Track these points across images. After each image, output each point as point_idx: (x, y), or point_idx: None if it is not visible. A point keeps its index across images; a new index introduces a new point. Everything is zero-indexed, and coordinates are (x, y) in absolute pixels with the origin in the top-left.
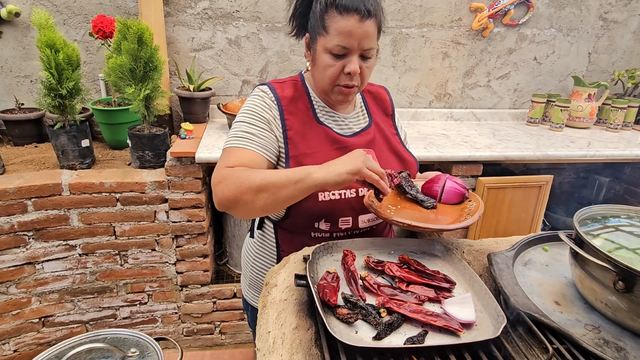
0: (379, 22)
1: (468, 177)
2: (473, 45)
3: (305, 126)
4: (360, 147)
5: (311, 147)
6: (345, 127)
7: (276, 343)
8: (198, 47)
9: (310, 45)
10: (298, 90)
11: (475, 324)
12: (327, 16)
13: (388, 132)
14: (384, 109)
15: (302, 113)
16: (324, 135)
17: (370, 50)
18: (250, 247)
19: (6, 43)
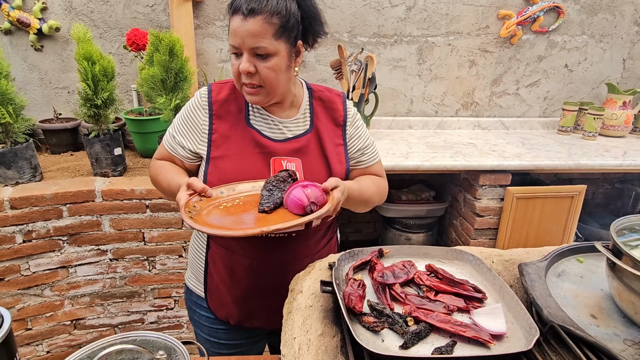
0: (273, 21)
1: (496, 187)
2: (501, 53)
3: (232, 129)
4: (284, 153)
5: (232, 149)
6: (278, 131)
7: (302, 349)
8: (226, 58)
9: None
10: (237, 92)
11: (506, 335)
12: (229, 18)
13: (329, 142)
14: (334, 118)
15: (232, 116)
16: (250, 138)
17: (261, 49)
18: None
19: (47, 56)
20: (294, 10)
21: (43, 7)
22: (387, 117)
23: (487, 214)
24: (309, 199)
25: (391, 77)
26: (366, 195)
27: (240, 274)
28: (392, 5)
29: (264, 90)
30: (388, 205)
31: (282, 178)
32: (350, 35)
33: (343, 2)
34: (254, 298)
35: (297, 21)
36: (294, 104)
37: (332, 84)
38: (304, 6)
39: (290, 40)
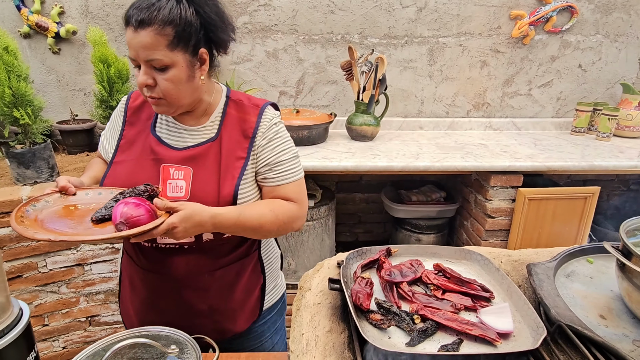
0: (166, 32)
1: (507, 188)
2: (513, 53)
3: (138, 135)
4: (175, 161)
5: (130, 155)
6: (181, 139)
7: (309, 345)
8: (238, 60)
9: None
10: None
11: (512, 334)
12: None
13: (230, 154)
14: (243, 130)
15: (141, 122)
16: (148, 145)
17: (155, 61)
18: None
19: (64, 59)
20: (190, 18)
21: (61, 11)
22: (397, 118)
23: (498, 215)
24: (120, 217)
25: (402, 78)
26: (250, 224)
27: (138, 284)
28: (403, 6)
29: (164, 101)
30: (398, 206)
31: (139, 191)
32: (360, 37)
33: (354, 3)
34: (151, 312)
35: (195, 29)
36: (207, 112)
37: (342, 85)
38: (203, 13)
39: (188, 49)
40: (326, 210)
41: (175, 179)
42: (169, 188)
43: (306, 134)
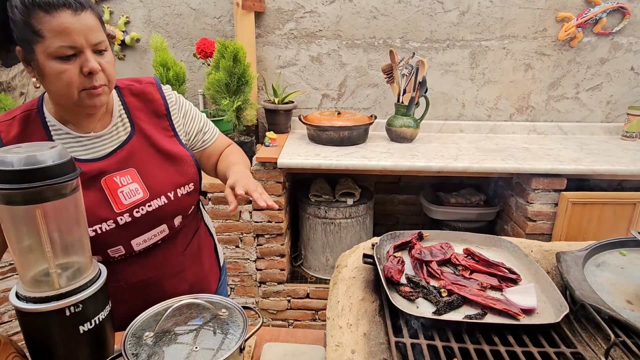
0: (97, 14)
1: (550, 191)
2: (559, 56)
3: None
4: (112, 169)
5: None
6: (99, 148)
7: (344, 310)
8: (283, 64)
9: (27, 58)
10: (31, 122)
11: (536, 311)
12: (34, 19)
13: (158, 137)
14: (154, 110)
15: None
16: None
17: (101, 44)
18: None
19: (127, 64)
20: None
21: (127, 21)
22: (438, 121)
23: (540, 218)
24: None
25: (443, 81)
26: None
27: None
28: (445, 10)
29: (107, 88)
30: (437, 207)
31: None
32: (402, 41)
33: (396, 9)
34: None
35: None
36: (107, 109)
37: (383, 88)
38: None
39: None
40: (364, 209)
41: (126, 185)
42: (122, 197)
43: (347, 134)
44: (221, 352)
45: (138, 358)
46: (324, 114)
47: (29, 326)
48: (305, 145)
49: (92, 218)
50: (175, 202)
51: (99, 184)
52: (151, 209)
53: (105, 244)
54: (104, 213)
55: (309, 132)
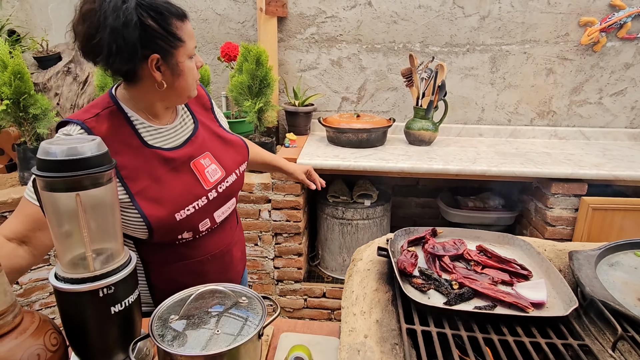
0: None
1: (570, 196)
2: (582, 61)
3: (136, 157)
4: (195, 155)
5: (149, 176)
6: (175, 138)
7: (358, 299)
8: (304, 68)
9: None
10: (115, 117)
11: (546, 305)
12: (175, 28)
13: (212, 126)
14: (203, 104)
15: (127, 145)
16: (156, 159)
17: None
18: None
19: None
20: None
21: None
22: (457, 124)
23: (560, 224)
24: None
25: (462, 85)
26: None
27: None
28: (466, 15)
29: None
30: (454, 210)
31: None
32: (422, 45)
33: (416, 14)
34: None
35: None
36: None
37: (402, 92)
38: None
39: None
40: (382, 210)
41: (208, 166)
42: (208, 176)
43: (365, 136)
44: (241, 337)
45: (164, 339)
46: (343, 117)
47: (66, 305)
48: (324, 147)
49: (190, 196)
50: (240, 178)
51: (189, 167)
52: (228, 185)
53: (199, 219)
54: (198, 191)
55: (328, 134)
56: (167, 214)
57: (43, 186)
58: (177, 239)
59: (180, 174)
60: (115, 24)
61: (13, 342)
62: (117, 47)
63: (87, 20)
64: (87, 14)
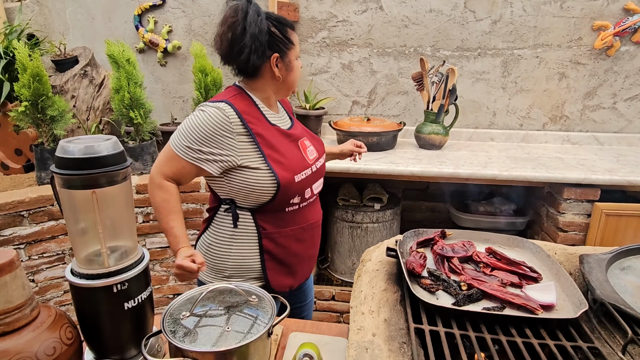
0: None
1: (583, 202)
2: (595, 65)
3: (265, 129)
4: (299, 135)
5: (276, 144)
6: (285, 122)
7: (367, 298)
8: (315, 72)
9: (280, 61)
10: (245, 99)
11: (555, 307)
12: (289, 34)
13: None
14: (288, 109)
15: (258, 120)
16: (279, 133)
17: None
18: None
19: (168, 71)
20: None
21: (169, 30)
22: (468, 129)
23: (572, 229)
24: None
25: (473, 89)
26: None
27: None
28: (477, 19)
29: None
30: (464, 214)
31: None
32: (433, 49)
33: (427, 18)
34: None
35: None
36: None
37: (413, 95)
38: None
39: None
40: (391, 214)
41: (308, 147)
42: (309, 154)
43: (375, 140)
44: (250, 335)
45: (175, 335)
46: (354, 120)
47: (81, 300)
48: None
49: (301, 166)
50: (324, 166)
51: (298, 144)
52: (320, 165)
53: (305, 186)
54: (305, 163)
55: (339, 138)
56: (290, 175)
57: (61, 183)
58: (288, 204)
59: (295, 147)
60: (254, 31)
61: (30, 334)
62: (254, 48)
63: (231, 30)
64: (232, 25)
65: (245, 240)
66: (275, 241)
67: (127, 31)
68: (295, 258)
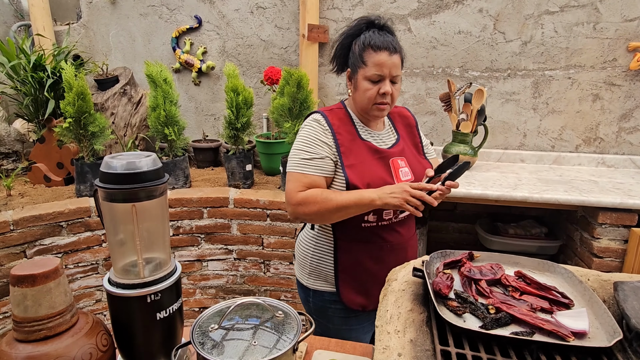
0: (402, 56)
1: (619, 227)
2: (631, 87)
3: (352, 143)
4: (394, 156)
5: (358, 158)
6: (381, 141)
7: (392, 318)
8: (343, 92)
9: (351, 77)
10: (343, 115)
11: (587, 335)
12: (365, 53)
13: (412, 142)
14: (407, 123)
15: (348, 133)
16: (367, 148)
17: (397, 77)
18: (309, 240)
19: (202, 90)
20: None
21: (204, 51)
22: (497, 149)
23: (607, 255)
24: None
25: (503, 110)
26: None
27: (367, 262)
28: (507, 40)
29: (389, 106)
30: (493, 237)
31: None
32: (461, 70)
33: (456, 39)
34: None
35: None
36: (381, 120)
37: (441, 116)
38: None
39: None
40: (418, 234)
41: (402, 167)
42: (401, 174)
43: None
44: (276, 350)
45: (204, 347)
46: None
47: (116, 309)
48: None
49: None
50: None
51: (389, 162)
52: None
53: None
54: (388, 181)
55: None
56: (363, 186)
57: (104, 197)
58: (362, 219)
59: (381, 164)
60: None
61: (70, 339)
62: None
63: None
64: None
65: (322, 245)
66: (349, 254)
67: (164, 52)
68: (370, 277)
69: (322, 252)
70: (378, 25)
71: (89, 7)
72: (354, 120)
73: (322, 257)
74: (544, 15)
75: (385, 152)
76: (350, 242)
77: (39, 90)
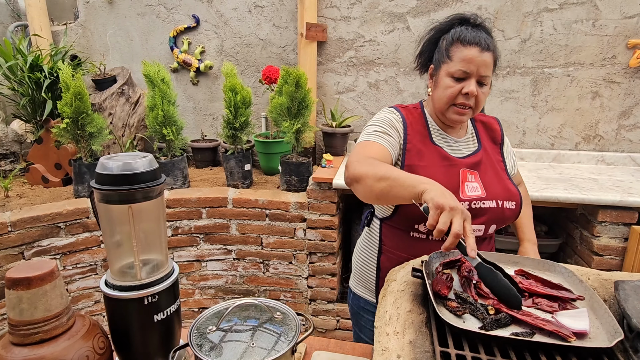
0: (495, 57)
1: (619, 225)
2: (631, 84)
3: (421, 144)
4: (466, 166)
5: (424, 161)
6: (456, 149)
7: (391, 319)
8: (342, 90)
9: (433, 73)
10: (418, 115)
11: (588, 335)
12: (452, 48)
13: (494, 159)
14: (493, 138)
15: (419, 134)
16: (437, 153)
17: (486, 78)
18: (360, 239)
19: (200, 89)
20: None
21: (202, 51)
22: None
23: (607, 253)
24: None
25: (502, 108)
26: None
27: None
28: (506, 38)
29: (471, 111)
30: None
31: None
32: None
33: None
34: None
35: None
36: (462, 125)
37: None
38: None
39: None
40: None
41: (470, 182)
42: (467, 188)
43: None
44: (275, 352)
45: (202, 348)
46: None
47: (113, 311)
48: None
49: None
50: (500, 211)
51: (458, 172)
52: (484, 206)
53: None
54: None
55: None
56: None
57: (100, 198)
58: (412, 228)
59: (448, 172)
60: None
61: (66, 342)
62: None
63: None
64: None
65: (368, 247)
66: (392, 262)
67: (162, 52)
68: None
69: (367, 255)
70: (473, 23)
71: (86, 6)
72: (428, 122)
73: (366, 261)
74: (543, 13)
75: (456, 160)
76: (395, 251)
77: (37, 90)
